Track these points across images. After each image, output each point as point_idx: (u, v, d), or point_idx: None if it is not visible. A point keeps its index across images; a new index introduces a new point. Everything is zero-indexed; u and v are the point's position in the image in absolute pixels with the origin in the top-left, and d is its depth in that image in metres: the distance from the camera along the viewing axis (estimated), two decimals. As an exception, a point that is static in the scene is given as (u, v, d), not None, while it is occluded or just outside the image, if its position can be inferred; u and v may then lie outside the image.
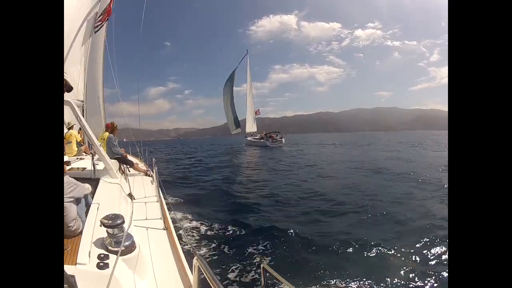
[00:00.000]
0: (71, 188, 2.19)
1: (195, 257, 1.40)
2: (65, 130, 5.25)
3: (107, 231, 1.77)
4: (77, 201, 2.28)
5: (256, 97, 46.39)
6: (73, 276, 1.35)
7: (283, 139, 36.89)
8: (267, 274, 1.51)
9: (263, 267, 1.52)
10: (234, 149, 32.69)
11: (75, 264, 1.52)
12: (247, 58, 45.59)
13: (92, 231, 1.88)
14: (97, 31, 4.73)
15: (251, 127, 45.57)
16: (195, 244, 4.63)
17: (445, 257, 4.16)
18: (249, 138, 41.26)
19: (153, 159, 4.64)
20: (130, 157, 5.57)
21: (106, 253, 1.66)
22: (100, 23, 4.56)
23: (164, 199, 3.22)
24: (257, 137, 40.24)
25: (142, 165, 5.47)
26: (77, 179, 2.35)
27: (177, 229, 2.58)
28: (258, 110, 46.81)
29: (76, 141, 5.25)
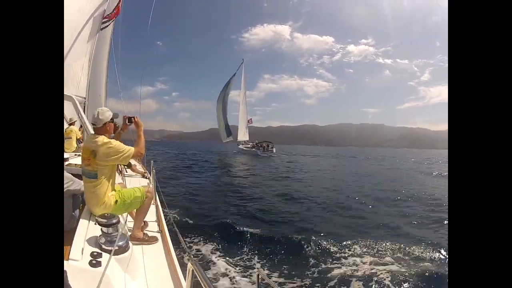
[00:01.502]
0: (68, 184, 2.17)
1: (190, 261, 1.39)
2: (66, 126, 5.22)
3: (101, 229, 1.75)
4: (72, 197, 2.25)
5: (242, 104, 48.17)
6: (64, 271, 1.34)
7: (274, 149, 37.69)
8: (262, 281, 1.50)
9: (258, 274, 1.52)
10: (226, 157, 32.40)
11: (67, 259, 1.50)
12: (242, 66, 46.38)
13: (86, 228, 1.87)
14: (104, 28, 4.75)
15: (243, 135, 45.76)
16: (189, 248, 4.57)
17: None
18: (240, 146, 41.35)
19: (152, 161, 4.61)
20: None
21: (99, 251, 1.65)
22: (107, 19, 4.60)
23: (160, 202, 3.19)
24: (249, 145, 40.47)
25: (139, 167, 5.43)
26: (74, 175, 2.33)
27: (172, 233, 2.55)
28: (251, 119, 47.49)
29: (76, 137, 5.21)
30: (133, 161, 5.55)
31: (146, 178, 4.68)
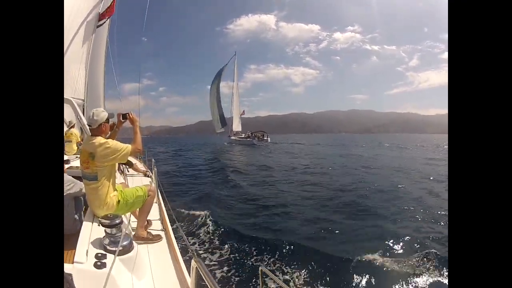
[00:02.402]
0: (69, 186, 2.18)
1: (193, 259, 1.40)
2: (66, 129, 5.20)
3: (105, 230, 1.75)
4: (75, 199, 2.25)
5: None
6: (70, 275, 1.36)
7: (269, 139, 39.07)
8: (265, 277, 1.53)
9: (261, 269, 1.53)
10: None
11: (73, 262, 1.51)
12: (235, 59, 46.49)
13: (90, 230, 1.87)
14: (99, 26, 4.62)
15: (237, 126, 46.35)
16: (193, 246, 4.62)
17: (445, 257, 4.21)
18: (233, 137, 41.49)
19: (153, 159, 4.60)
20: (129, 157, 5.38)
21: (104, 252, 1.66)
22: (102, 19, 4.47)
23: (163, 200, 3.20)
24: (242, 136, 40.97)
25: (141, 166, 5.43)
26: (75, 177, 2.34)
27: (176, 230, 2.57)
28: (244, 110, 49.21)
29: (77, 140, 5.16)
30: (134, 160, 5.55)
31: (148, 176, 4.68)
